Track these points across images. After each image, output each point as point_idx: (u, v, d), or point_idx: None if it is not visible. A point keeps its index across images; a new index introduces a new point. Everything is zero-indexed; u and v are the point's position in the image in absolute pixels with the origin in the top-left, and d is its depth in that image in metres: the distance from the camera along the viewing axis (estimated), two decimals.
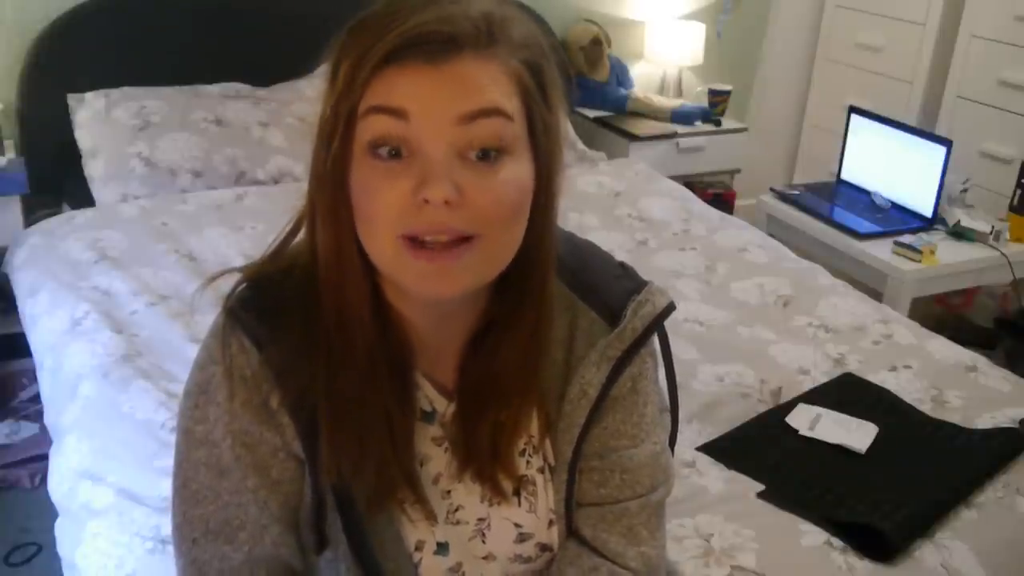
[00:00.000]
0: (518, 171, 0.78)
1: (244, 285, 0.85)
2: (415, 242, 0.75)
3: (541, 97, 0.80)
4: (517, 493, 0.92)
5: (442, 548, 0.90)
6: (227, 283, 0.86)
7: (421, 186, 0.73)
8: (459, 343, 0.89)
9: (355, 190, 0.77)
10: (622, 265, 0.98)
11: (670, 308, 0.93)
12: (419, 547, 0.89)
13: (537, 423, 0.92)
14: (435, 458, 0.90)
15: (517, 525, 0.93)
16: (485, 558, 0.92)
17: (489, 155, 0.76)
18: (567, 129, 3.09)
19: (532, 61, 0.79)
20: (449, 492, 0.91)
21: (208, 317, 0.87)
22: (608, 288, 0.94)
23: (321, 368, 0.81)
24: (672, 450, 1.02)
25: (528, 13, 0.84)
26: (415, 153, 0.75)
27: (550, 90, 0.81)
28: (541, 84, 0.80)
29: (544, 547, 0.95)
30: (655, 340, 0.95)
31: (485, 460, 0.89)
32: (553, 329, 0.90)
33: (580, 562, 0.94)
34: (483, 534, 0.92)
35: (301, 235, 0.85)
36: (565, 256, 0.92)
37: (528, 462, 0.92)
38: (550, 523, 0.94)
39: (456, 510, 0.91)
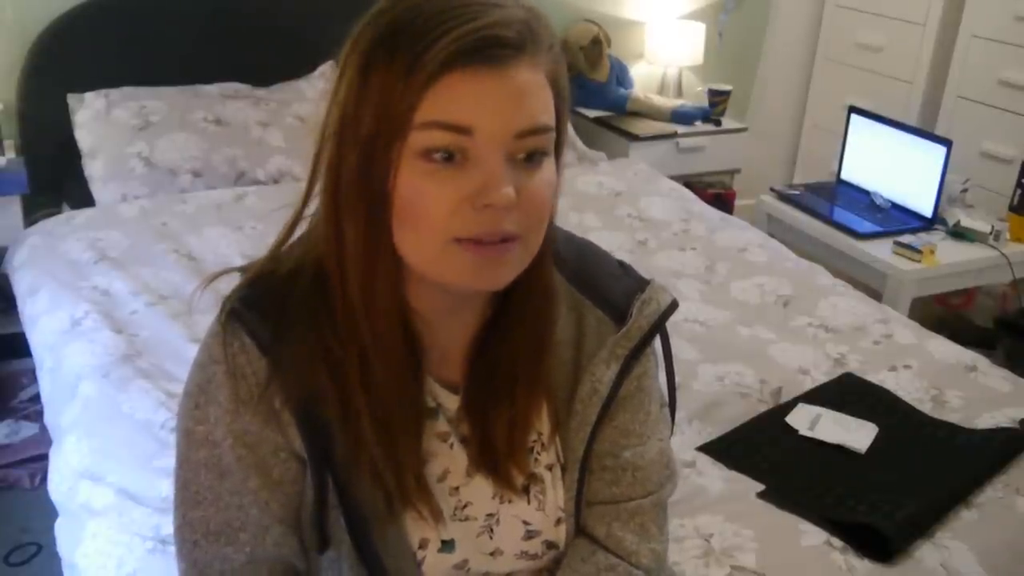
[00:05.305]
0: (551, 170, 0.80)
1: (244, 285, 0.85)
2: (464, 240, 0.76)
3: (564, 98, 0.82)
4: (526, 490, 0.92)
5: (447, 545, 0.90)
6: (226, 283, 0.86)
7: (483, 192, 0.74)
8: (466, 338, 0.90)
9: (402, 193, 0.76)
10: (621, 264, 1.00)
11: (674, 306, 0.95)
12: (423, 545, 0.89)
13: (547, 421, 0.93)
14: (440, 455, 0.90)
15: (526, 523, 0.93)
16: (492, 554, 0.93)
17: (534, 158, 0.77)
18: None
19: (558, 64, 0.80)
20: (457, 488, 0.91)
21: (208, 317, 0.86)
22: (611, 286, 0.95)
23: (342, 371, 0.81)
24: None
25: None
26: (471, 159, 0.75)
27: (565, 91, 0.82)
28: (564, 85, 0.81)
29: (551, 544, 0.95)
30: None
31: (499, 455, 0.89)
32: (561, 327, 0.91)
33: (595, 559, 0.94)
34: (491, 530, 0.92)
35: (300, 235, 0.85)
36: (566, 254, 0.93)
37: (536, 459, 0.93)
38: (558, 521, 0.94)
39: (465, 507, 0.91)
